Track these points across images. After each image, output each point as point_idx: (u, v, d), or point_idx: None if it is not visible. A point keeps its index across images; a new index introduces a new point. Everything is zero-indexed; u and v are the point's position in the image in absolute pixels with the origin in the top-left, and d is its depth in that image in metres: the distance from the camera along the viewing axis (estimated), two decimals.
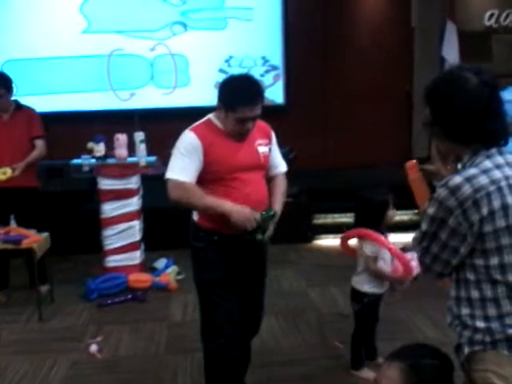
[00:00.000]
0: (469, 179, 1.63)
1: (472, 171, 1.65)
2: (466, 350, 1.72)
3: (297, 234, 6.05)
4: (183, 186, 2.66)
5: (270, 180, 2.93)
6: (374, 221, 3.27)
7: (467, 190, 1.62)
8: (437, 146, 1.84)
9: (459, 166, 1.73)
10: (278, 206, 2.83)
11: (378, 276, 3.26)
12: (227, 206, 2.63)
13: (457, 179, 1.64)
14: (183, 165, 2.66)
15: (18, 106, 4.72)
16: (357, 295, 3.35)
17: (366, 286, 3.30)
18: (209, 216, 2.75)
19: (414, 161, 2.24)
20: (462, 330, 1.73)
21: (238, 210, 2.62)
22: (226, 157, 2.68)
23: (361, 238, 3.32)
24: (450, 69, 1.82)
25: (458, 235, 1.65)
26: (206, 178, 2.69)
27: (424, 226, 1.72)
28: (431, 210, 1.69)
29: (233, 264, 2.79)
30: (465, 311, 1.71)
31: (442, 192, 1.66)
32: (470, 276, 1.69)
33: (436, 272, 1.75)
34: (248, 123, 2.66)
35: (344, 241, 3.47)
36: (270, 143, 2.87)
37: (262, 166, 2.82)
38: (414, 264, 3.11)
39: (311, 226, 6.32)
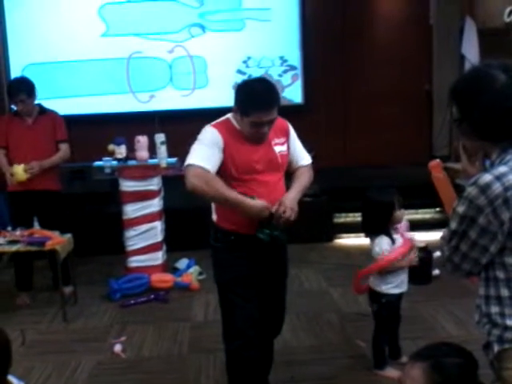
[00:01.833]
0: (499, 177, 1.62)
1: (502, 169, 1.64)
2: (496, 348, 1.70)
3: (317, 234, 6.06)
4: (203, 173, 2.57)
5: (293, 174, 2.89)
6: (381, 222, 3.27)
7: (497, 188, 1.61)
8: (463, 143, 1.83)
9: (488, 163, 1.71)
10: (288, 196, 2.70)
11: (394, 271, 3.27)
12: (241, 199, 2.58)
13: (487, 177, 1.63)
14: (206, 153, 2.61)
15: (42, 110, 4.74)
16: (375, 296, 3.35)
17: (383, 286, 3.29)
18: (226, 217, 2.75)
19: (438, 160, 2.23)
20: (491, 328, 1.71)
21: (251, 203, 2.58)
22: (242, 157, 2.67)
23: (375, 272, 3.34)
24: (477, 66, 1.80)
25: (487, 234, 1.64)
26: (221, 178, 2.66)
27: (453, 225, 1.70)
28: (461, 209, 1.67)
29: (252, 264, 2.78)
30: (494, 309, 1.70)
31: (471, 190, 1.64)
32: (500, 274, 1.68)
33: (465, 271, 1.73)
34: (263, 127, 2.64)
35: (357, 281, 3.50)
36: (287, 140, 2.82)
37: (281, 167, 2.79)
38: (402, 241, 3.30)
39: (332, 225, 6.31)
